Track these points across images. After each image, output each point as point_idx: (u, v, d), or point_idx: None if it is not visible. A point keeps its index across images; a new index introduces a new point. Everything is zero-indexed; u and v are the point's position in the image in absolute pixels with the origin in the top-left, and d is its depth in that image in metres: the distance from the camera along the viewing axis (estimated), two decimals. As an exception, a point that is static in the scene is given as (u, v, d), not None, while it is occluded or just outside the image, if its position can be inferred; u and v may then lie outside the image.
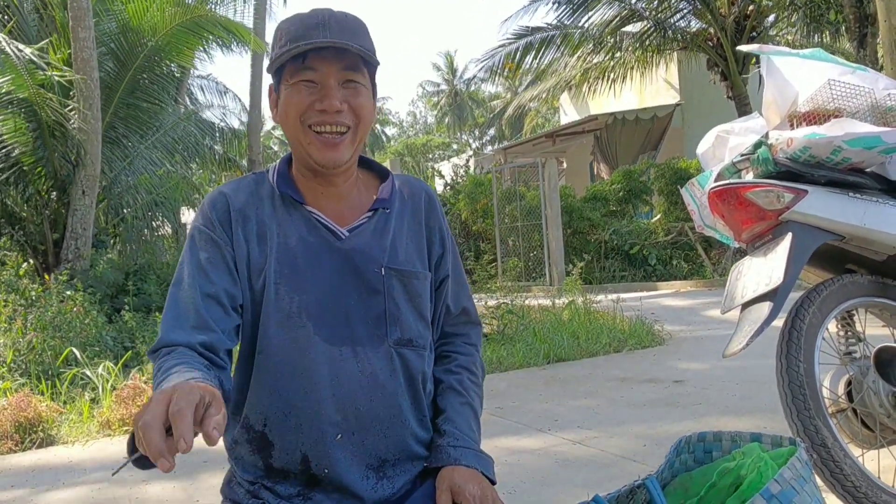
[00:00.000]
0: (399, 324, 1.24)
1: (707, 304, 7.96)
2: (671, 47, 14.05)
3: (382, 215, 1.28)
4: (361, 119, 1.21)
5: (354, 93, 1.19)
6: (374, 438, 1.21)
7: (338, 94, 1.17)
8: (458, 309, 1.39)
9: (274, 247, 1.22)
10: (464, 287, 1.41)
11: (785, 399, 2.01)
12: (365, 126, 1.22)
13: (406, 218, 1.31)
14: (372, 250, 1.24)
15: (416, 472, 1.27)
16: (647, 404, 3.79)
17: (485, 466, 1.24)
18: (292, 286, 1.20)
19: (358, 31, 1.19)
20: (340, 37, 1.15)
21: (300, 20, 1.18)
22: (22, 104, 7.47)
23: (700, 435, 1.39)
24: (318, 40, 1.15)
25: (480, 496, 1.17)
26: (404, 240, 1.29)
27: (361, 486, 1.20)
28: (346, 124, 1.19)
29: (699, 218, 2.59)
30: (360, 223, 1.26)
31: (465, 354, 1.39)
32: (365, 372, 1.20)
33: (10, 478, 3.25)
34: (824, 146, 2.05)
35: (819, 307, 2.09)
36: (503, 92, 40.10)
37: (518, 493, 2.57)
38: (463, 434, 1.26)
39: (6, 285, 6.16)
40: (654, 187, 12.66)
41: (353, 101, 1.19)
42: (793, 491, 1.13)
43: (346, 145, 1.21)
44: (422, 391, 1.28)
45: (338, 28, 1.16)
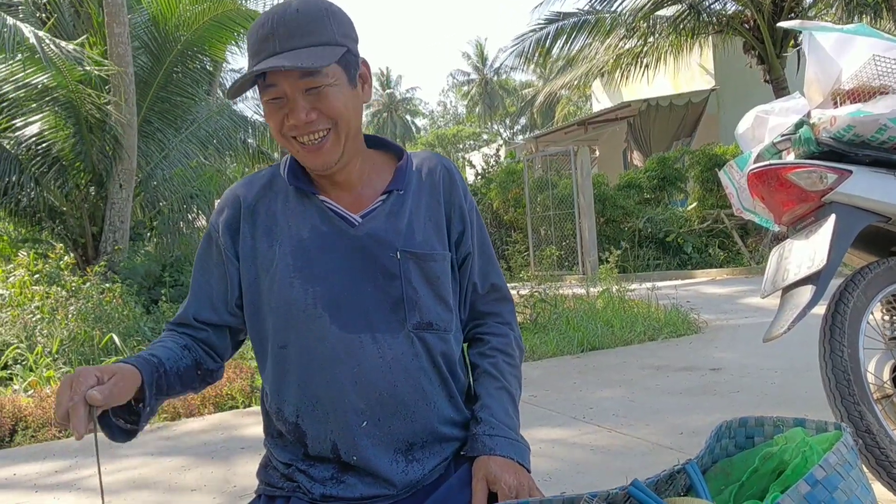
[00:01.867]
0: (418, 308, 1.22)
1: (744, 292, 7.82)
2: (706, 31, 13.75)
3: (397, 197, 1.26)
4: (338, 117, 1.16)
5: (319, 97, 1.14)
6: (401, 423, 1.21)
7: (303, 105, 1.14)
8: (486, 285, 1.35)
9: (285, 241, 1.23)
10: (491, 262, 1.36)
11: (828, 385, 1.96)
12: (345, 121, 1.17)
13: (424, 196, 1.28)
14: (387, 234, 1.22)
15: (447, 453, 1.26)
16: (684, 392, 3.74)
17: (521, 455, 1.22)
18: (306, 278, 1.21)
19: (314, 24, 1.13)
20: (289, 44, 1.12)
21: (255, 30, 1.15)
22: (61, 100, 7.62)
23: (741, 420, 1.35)
24: (264, 62, 1.11)
25: (517, 486, 1.16)
26: (422, 220, 1.26)
27: (391, 471, 1.20)
28: (322, 129, 1.16)
29: (737, 201, 2.53)
30: (374, 207, 1.24)
31: (499, 335, 1.35)
32: (385, 358, 1.19)
33: (56, 461, 3.34)
34: (869, 124, 1.98)
35: (864, 291, 2.03)
36: (534, 80, 39.80)
37: (553, 480, 2.55)
38: (499, 422, 1.24)
39: (49, 278, 6.32)
40: (689, 174, 12.46)
41: (322, 105, 1.15)
42: (838, 476, 1.09)
43: (330, 147, 1.18)
44: (447, 372, 1.26)
45: (286, 35, 1.12)
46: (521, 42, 15.74)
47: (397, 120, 54.95)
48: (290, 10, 1.13)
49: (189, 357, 1.24)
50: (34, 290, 5.89)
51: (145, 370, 1.12)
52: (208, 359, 1.29)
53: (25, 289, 6.00)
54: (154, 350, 1.20)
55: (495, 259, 1.38)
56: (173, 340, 1.25)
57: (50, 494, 2.91)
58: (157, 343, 1.24)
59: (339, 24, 1.16)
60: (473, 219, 1.32)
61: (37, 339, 5.21)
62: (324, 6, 1.15)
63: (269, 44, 1.12)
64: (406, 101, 57.01)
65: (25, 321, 5.37)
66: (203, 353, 1.28)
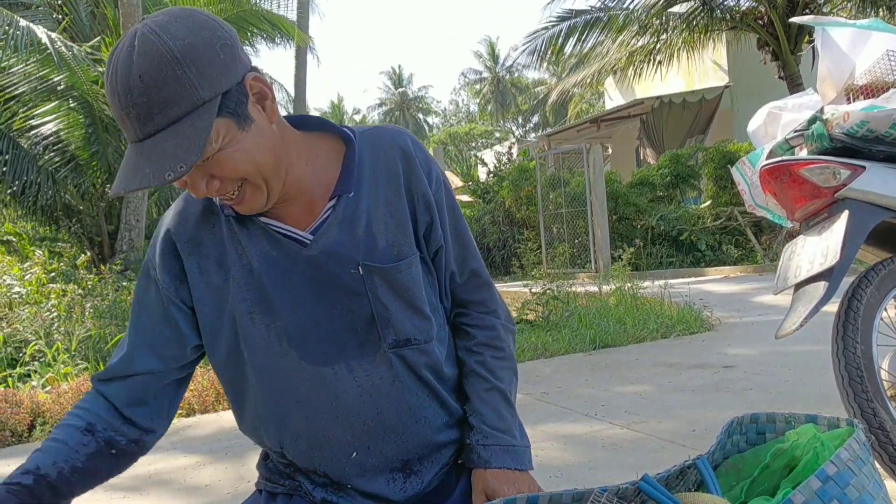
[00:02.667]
0: (391, 325, 1.10)
1: (758, 290, 7.78)
2: (719, 27, 13.66)
3: (348, 200, 1.09)
4: (244, 174, 0.99)
5: (214, 165, 0.96)
6: (392, 446, 1.14)
7: (199, 178, 0.97)
8: (465, 272, 1.21)
9: (237, 272, 1.09)
10: (468, 248, 1.21)
11: (841, 381, 1.95)
12: (254, 171, 0.99)
13: (381, 191, 1.10)
14: (344, 248, 1.08)
15: (445, 459, 1.20)
16: (696, 390, 3.73)
17: (518, 461, 1.17)
18: (265, 312, 1.08)
19: (165, 91, 0.90)
20: (147, 127, 0.91)
21: (109, 96, 0.93)
22: (77, 100, 7.70)
23: (753, 416, 1.35)
24: (126, 166, 0.94)
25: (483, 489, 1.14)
26: (382, 220, 1.10)
27: (389, 490, 1.15)
28: (232, 189, 1.00)
29: (750, 197, 2.52)
30: (324, 218, 1.08)
31: (485, 327, 1.22)
32: (364, 386, 1.10)
33: (72, 459, 3.38)
34: (883, 120, 1.97)
35: (877, 287, 2.02)
36: (547, 78, 39.71)
37: (565, 476, 2.55)
38: (492, 430, 1.17)
39: (64, 276, 6.39)
40: (703, 172, 12.40)
41: (219, 172, 0.97)
42: (850, 473, 1.09)
43: (250, 197, 1.02)
44: (435, 382, 1.16)
45: (139, 117, 0.91)
46: (534, 40, 15.71)
47: (409, 118, 54.99)
48: (133, 80, 0.90)
49: (93, 442, 1.10)
50: (50, 288, 5.96)
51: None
52: (129, 429, 1.14)
53: (42, 287, 6.08)
54: (34, 461, 1.05)
55: (473, 243, 1.23)
56: (70, 427, 1.10)
57: (67, 489, 2.94)
58: (48, 440, 1.09)
59: (199, 72, 0.91)
60: (443, 203, 1.16)
61: (54, 336, 5.27)
62: (170, 58, 0.90)
63: (127, 126, 0.94)
64: (418, 99, 57.04)
65: (43, 318, 5.44)
66: (120, 423, 1.13)
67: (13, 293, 6.12)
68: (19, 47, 6.65)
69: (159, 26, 0.91)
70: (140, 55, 0.90)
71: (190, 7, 1.02)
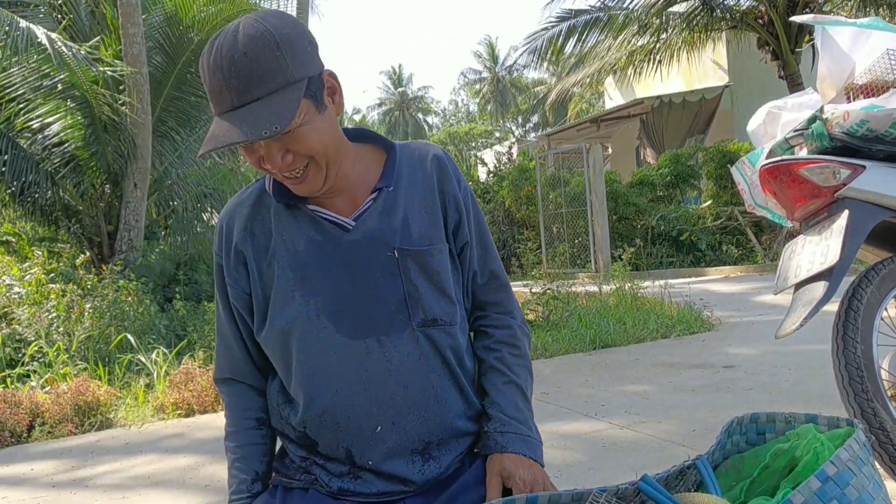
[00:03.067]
0: (421, 305, 1.20)
1: (758, 290, 7.77)
2: (719, 27, 13.65)
3: (388, 193, 1.23)
4: (314, 153, 1.12)
5: (292, 139, 1.10)
6: (415, 424, 1.20)
7: (276, 150, 1.10)
8: (485, 274, 1.32)
9: (283, 256, 1.22)
10: (489, 250, 1.32)
11: (841, 381, 1.95)
12: (322, 152, 1.13)
13: (417, 188, 1.25)
14: (382, 234, 1.20)
15: (462, 448, 1.25)
16: (697, 389, 3.72)
17: (532, 450, 1.22)
18: (306, 290, 1.20)
19: (266, 68, 1.05)
20: (247, 95, 1.05)
21: (207, 73, 1.07)
22: (76, 100, 7.69)
23: (753, 416, 1.35)
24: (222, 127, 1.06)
25: (531, 481, 1.17)
26: (417, 213, 1.23)
27: (408, 471, 1.19)
28: (300, 166, 1.13)
29: (749, 197, 2.52)
30: (366, 207, 1.22)
31: (503, 327, 1.32)
32: (392, 361, 1.18)
33: (72, 458, 3.37)
34: (883, 119, 1.96)
35: (877, 287, 2.02)
36: (546, 78, 39.71)
37: (565, 476, 2.55)
38: (509, 418, 1.24)
39: (64, 276, 6.39)
40: (703, 171, 12.39)
41: (296, 146, 1.10)
42: (850, 473, 1.08)
43: (313, 176, 1.15)
44: (457, 367, 1.24)
45: (240, 85, 1.04)
46: (534, 40, 15.69)
47: (409, 118, 54.98)
48: (237, 55, 1.04)
49: (268, 429, 1.30)
50: (50, 289, 5.96)
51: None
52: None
53: (42, 287, 6.07)
54: (251, 469, 1.27)
55: (493, 246, 1.35)
56: (247, 431, 1.29)
57: (66, 490, 2.94)
58: (243, 447, 1.28)
59: (293, 55, 1.07)
60: (470, 206, 1.29)
61: (53, 336, 5.27)
62: (272, 41, 1.05)
63: (225, 97, 1.06)
64: (418, 99, 57.02)
65: (42, 319, 5.43)
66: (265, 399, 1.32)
67: (13, 293, 6.12)
68: (18, 47, 6.64)
69: (262, 17, 1.08)
70: (245, 36, 1.05)
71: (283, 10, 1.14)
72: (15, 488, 3.03)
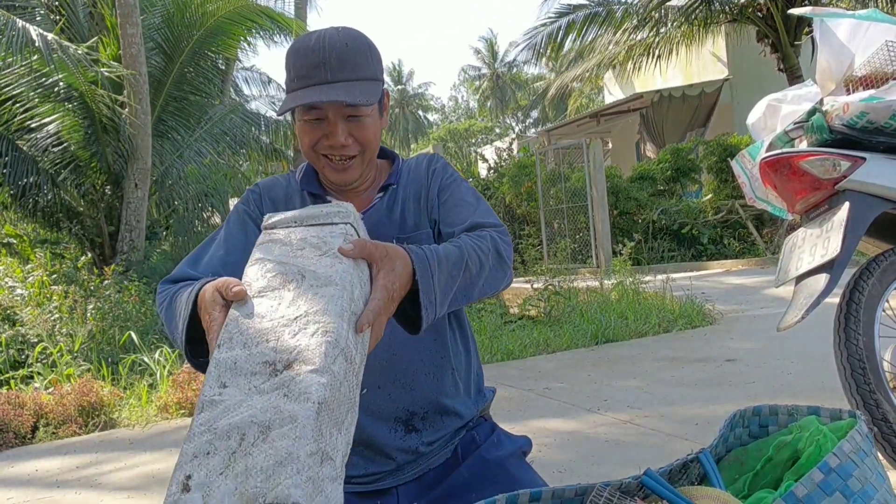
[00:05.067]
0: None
1: (760, 283, 7.77)
2: (718, 20, 13.61)
3: (392, 192, 1.38)
4: (367, 146, 1.28)
5: (358, 126, 1.25)
6: (401, 392, 1.26)
7: (343, 129, 1.24)
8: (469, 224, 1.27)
9: None
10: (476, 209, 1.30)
11: (844, 373, 1.95)
12: (372, 149, 1.29)
13: (412, 187, 1.39)
14: (384, 226, 1.32)
15: (448, 430, 1.29)
16: (699, 384, 3.72)
17: (420, 264, 1.07)
18: None
19: (360, 59, 1.23)
20: (341, 74, 1.21)
21: (304, 55, 1.22)
22: (76, 101, 7.69)
23: (755, 409, 1.35)
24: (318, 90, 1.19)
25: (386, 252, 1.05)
26: (411, 206, 1.36)
27: (389, 439, 1.24)
28: (352, 153, 1.27)
29: (750, 190, 2.52)
30: (374, 204, 1.36)
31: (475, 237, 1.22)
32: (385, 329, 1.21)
33: (76, 459, 3.38)
34: (883, 111, 1.96)
35: (879, 279, 2.02)
36: (546, 73, 39.66)
37: (568, 471, 2.56)
38: (431, 251, 1.11)
39: (66, 277, 6.39)
40: (703, 165, 12.36)
41: (358, 133, 1.25)
42: (852, 464, 1.09)
43: (355, 168, 1.29)
44: (448, 342, 1.31)
45: (338, 65, 1.21)
46: (533, 36, 15.66)
47: (409, 116, 54.93)
48: (339, 42, 1.22)
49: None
50: (52, 290, 5.97)
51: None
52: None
53: (44, 288, 6.08)
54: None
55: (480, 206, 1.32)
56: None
57: (71, 490, 2.95)
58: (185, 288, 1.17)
59: (377, 61, 1.27)
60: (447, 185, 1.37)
61: (56, 337, 5.28)
62: (367, 43, 1.26)
63: (321, 71, 1.21)
64: (418, 96, 56.96)
65: (45, 320, 5.44)
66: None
67: (15, 295, 6.12)
68: (13, 47, 6.63)
69: (354, 28, 1.28)
70: (346, 34, 1.24)
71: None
72: (20, 489, 3.04)
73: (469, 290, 1.17)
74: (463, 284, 1.15)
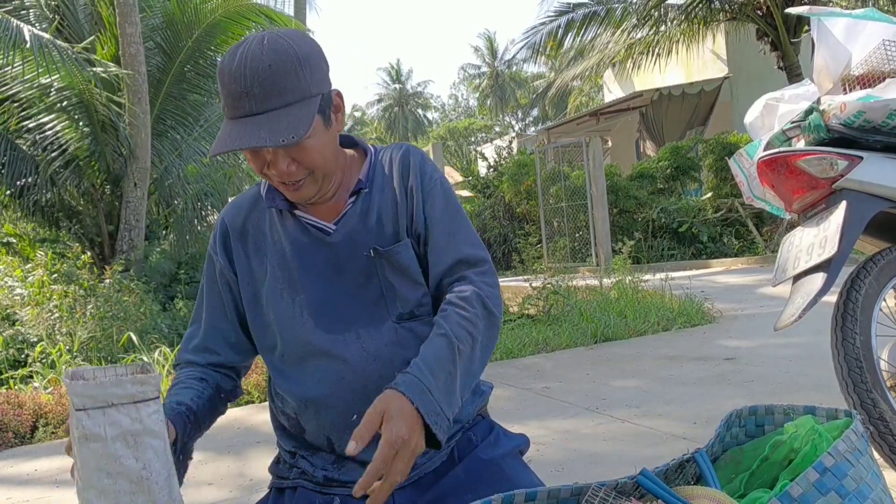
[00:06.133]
0: (398, 299, 1.26)
1: (759, 282, 7.78)
2: (718, 18, 13.61)
3: (365, 196, 1.29)
4: (314, 167, 1.19)
5: (299, 151, 1.16)
6: None
7: (283, 157, 1.17)
8: (452, 261, 1.26)
9: (273, 256, 1.30)
10: (456, 235, 1.27)
11: (841, 372, 1.95)
12: (321, 166, 1.20)
13: (388, 188, 1.30)
14: (359, 236, 1.27)
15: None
16: (698, 382, 3.73)
17: (424, 404, 1.07)
18: (292, 289, 1.28)
19: (287, 81, 1.11)
20: (267, 104, 1.11)
21: (227, 81, 1.13)
22: (74, 100, 7.69)
23: (751, 408, 1.35)
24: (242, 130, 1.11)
25: (382, 409, 1.05)
26: (388, 211, 1.29)
27: None
28: (300, 177, 1.19)
29: (748, 189, 2.52)
30: (346, 211, 1.29)
31: (458, 291, 1.23)
32: (369, 351, 1.23)
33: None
34: (880, 110, 1.96)
35: (876, 278, 2.02)
36: (546, 72, 39.64)
37: (566, 470, 2.56)
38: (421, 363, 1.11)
39: (66, 277, 6.39)
40: (703, 163, 12.37)
41: (300, 157, 1.17)
42: (848, 464, 1.09)
43: (308, 186, 1.22)
44: None
45: (262, 94, 1.11)
46: (533, 35, 15.67)
47: (408, 114, 54.91)
48: (262, 66, 1.11)
49: (208, 387, 1.30)
50: (52, 290, 5.97)
51: (178, 424, 1.18)
52: (226, 379, 1.36)
53: (44, 288, 6.08)
54: (178, 397, 1.25)
55: (465, 229, 1.29)
56: (188, 377, 1.31)
57: (70, 490, 2.95)
58: (176, 387, 1.28)
59: (311, 72, 1.15)
60: (434, 192, 1.29)
61: (56, 337, 5.28)
62: (295, 57, 1.13)
63: (245, 102, 1.12)
64: (417, 94, 56.93)
65: (45, 319, 5.44)
66: (220, 376, 1.35)
67: (15, 294, 6.13)
68: (5, 46, 6.63)
69: (285, 34, 1.16)
70: (270, 50, 1.12)
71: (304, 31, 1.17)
72: (19, 488, 3.04)
73: (469, 370, 1.17)
74: (462, 371, 1.15)
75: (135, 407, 1.00)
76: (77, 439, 1.02)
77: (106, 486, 1.00)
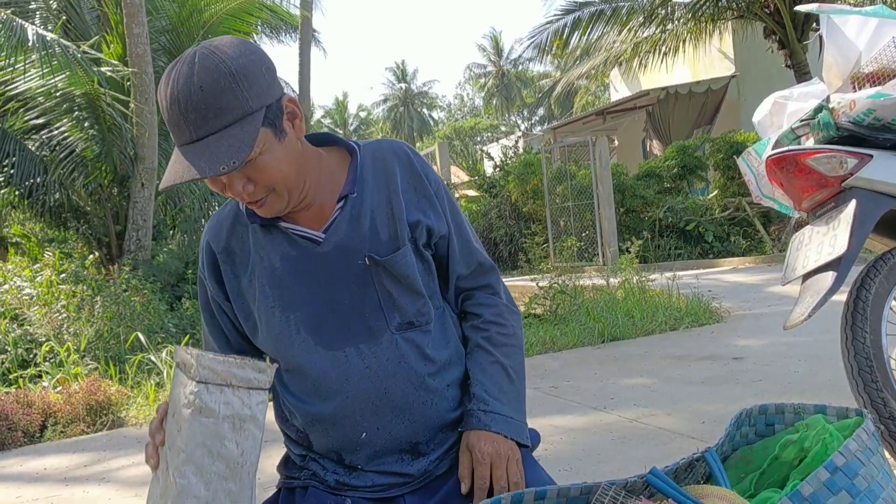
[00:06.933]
0: (397, 309, 1.22)
1: (767, 281, 7.74)
2: (725, 16, 13.56)
3: (354, 200, 1.22)
4: (274, 184, 1.12)
5: (254, 169, 1.09)
6: (401, 426, 1.21)
7: (238, 179, 1.10)
8: (471, 266, 1.32)
9: (261, 273, 1.23)
10: (468, 241, 1.32)
11: (850, 372, 1.94)
12: (282, 181, 1.13)
13: (382, 191, 1.24)
14: (352, 242, 1.21)
15: (452, 439, 1.27)
16: (706, 382, 3.72)
17: (513, 431, 1.23)
18: (285, 306, 1.22)
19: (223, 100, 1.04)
20: (205, 128, 1.04)
21: (164, 108, 1.07)
22: (81, 100, 7.72)
23: (761, 407, 1.34)
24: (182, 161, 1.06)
25: (493, 453, 1.18)
26: (383, 216, 1.23)
27: (398, 467, 1.23)
28: (260, 195, 1.13)
29: (756, 188, 2.51)
30: (334, 218, 1.22)
31: (490, 306, 1.32)
32: (372, 367, 1.20)
33: (84, 457, 3.40)
34: (890, 108, 1.95)
35: (886, 276, 2.01)
36: (552, 71, 39.58)
37: (574, 469, 2.56)
38: (493, 398, 1.23)
39: (74, 276, 6.42)
40: (710, 162, 12.33)
41: (257, 176, 1.10)
42: (859, 463, 1.08)
43: (273, 202, 1.15)
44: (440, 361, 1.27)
45: (198, 119, 1.04)
46: (539, 34, 15.66)
47: (414, 114, 54.91)
48: (193, 89, 1.04)
49: None
50: (61, 289, 5.99)
51: None
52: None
53: (52, 288, 6.11)
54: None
55: (472, 235, 1.34)
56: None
57: (80, 487, 2.97)
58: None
59: (249, 86, 1.06)
60: (443, 198, 1.29)
61: (64, 336, 5.30)
62: (228, 74, 1.04)
63: (184, 130, 1.05)
64: (422, 94, 56.92)
65: (53, 319, 5.47)
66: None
67: (23, 294, 6.15)
68: (12, 47, 6.66)
69: (216, 48, 1.07)
70: (201, 69, 1.04)
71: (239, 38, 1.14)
72: (29, 486, 3.06)
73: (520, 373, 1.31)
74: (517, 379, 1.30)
75: (248, 393, 1.02)
76: (189, 413, 1.01)
77: (205, 464, 0.99)
